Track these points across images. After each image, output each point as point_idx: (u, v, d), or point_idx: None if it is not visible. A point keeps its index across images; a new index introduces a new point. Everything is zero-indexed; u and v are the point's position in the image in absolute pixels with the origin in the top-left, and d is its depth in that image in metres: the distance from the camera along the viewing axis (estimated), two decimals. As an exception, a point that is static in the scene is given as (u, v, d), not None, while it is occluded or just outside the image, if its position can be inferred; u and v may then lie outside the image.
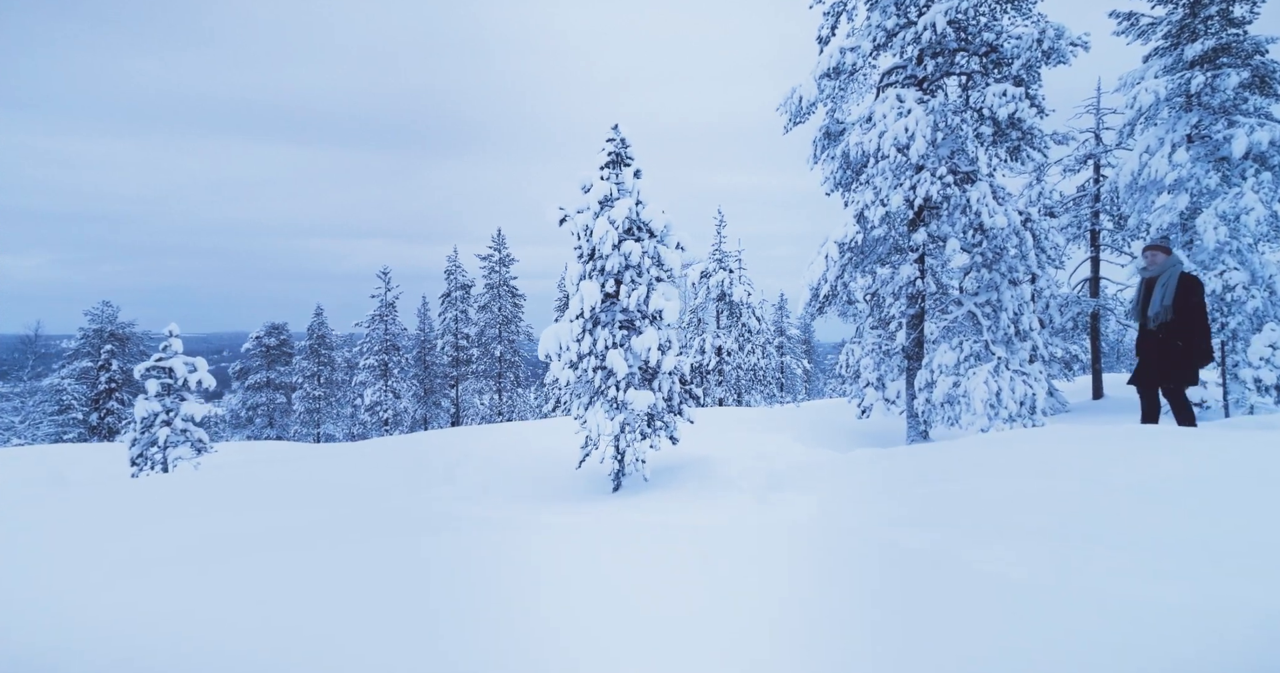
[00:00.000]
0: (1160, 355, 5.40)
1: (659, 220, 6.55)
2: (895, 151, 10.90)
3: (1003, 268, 10.88)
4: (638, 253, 6.34)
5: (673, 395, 6.77)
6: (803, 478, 6.12)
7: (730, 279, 19.60)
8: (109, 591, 3.07)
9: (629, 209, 6.45)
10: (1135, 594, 2.21)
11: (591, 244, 6.44)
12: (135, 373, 8.47)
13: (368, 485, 6.68)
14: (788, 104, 12.94)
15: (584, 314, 6.31)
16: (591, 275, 6.52)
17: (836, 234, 11.64)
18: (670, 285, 6.73)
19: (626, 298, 6.31)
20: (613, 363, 6.23)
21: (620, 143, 6.83)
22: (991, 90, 10.50)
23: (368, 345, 28.12)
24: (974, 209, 10.37)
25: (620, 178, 6.73)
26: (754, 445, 10.11)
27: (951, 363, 10.68)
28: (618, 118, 6.65)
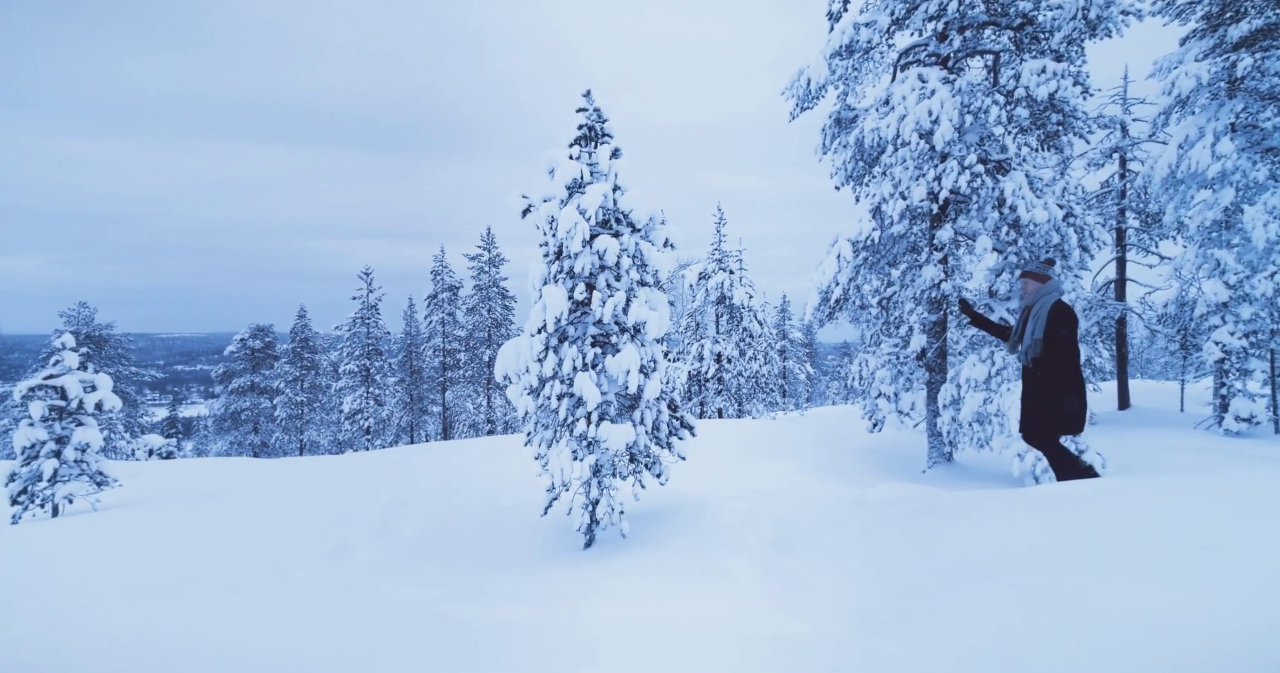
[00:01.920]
0: (1033, 397, 4.95)
1: (642, 210, 5.26)
2: (917, 138, 9.62)
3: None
4: (615, 251, 5.05)
5: (660, 425, 5.48)
6: (818, 535, 4.84)
7: (730, 281, 18.32)
8: None
9: (604, 196, 5.17)
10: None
11: (558, 240, 5.16)
12: (15, 394, 7.17)
13: (276, 540, 5.39)
14: (794, 87, 11.67)
15: (547, 328, 5.03)
16: (557, 279, 5.24)
17: (850, 232, 10.35)
18: (656, 292, 5.45)
19: (600, 307, 5.03)
20: (582, 389, 4.94)
21: (594, 114, 5.54)
22: (1029, 67, 9.22)
23: (349, 350, 26.83)
24: (1009, 202, 9.09)
25: (594, 159, 5.45)
26: (756, 477, 8.83)
27: (981, 377, 9.40)
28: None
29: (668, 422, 5.61)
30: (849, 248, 10.36)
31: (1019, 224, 9.21)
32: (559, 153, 5.50)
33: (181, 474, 10.81)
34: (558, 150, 5.54)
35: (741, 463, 10.19)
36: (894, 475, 10.76)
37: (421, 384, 30.66)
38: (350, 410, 25.10)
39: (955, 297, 9.94)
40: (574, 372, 5.06)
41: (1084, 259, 9.32)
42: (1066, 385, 4.74)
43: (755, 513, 5.91)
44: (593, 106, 5.53)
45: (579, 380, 4.96)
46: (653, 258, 5.30)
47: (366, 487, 7.99)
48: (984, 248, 9.26)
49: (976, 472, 10.15)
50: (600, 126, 5.58)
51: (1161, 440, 12.56)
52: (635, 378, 4.97)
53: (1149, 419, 16.15)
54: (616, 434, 4.91)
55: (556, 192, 5.25)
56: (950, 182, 9.41)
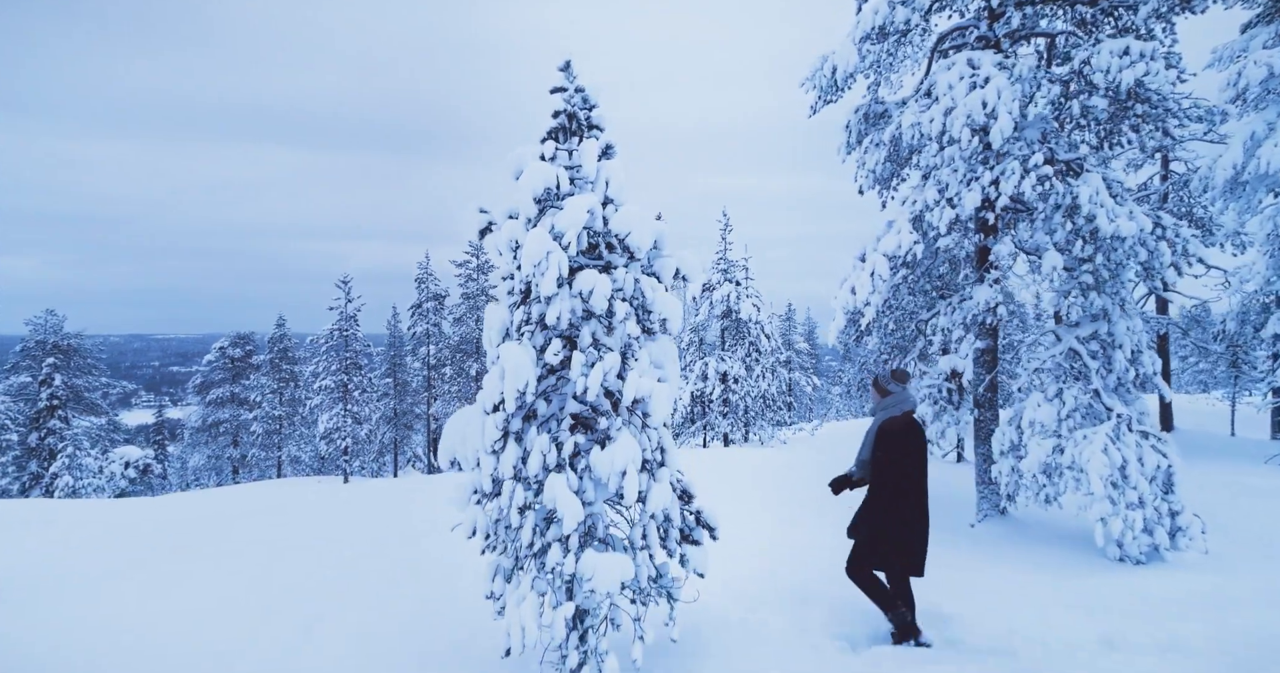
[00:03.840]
0: (859, 523, 4.63)
1: (643, 231, 3.64)
2: (969, 134, 8.04)
3: (1113, 288, 8.04)
4: (605, 291, 3.44)
5: (670, 536, 3.87)
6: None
7: (737, 293, 16.74)
8: None
9: (590, 213, 3.56)
10: None
11: (524, 276, 3.56)
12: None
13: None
14: (816, 77, 10.09)
15: (505, 405, 3.42)
16: (522, 331, 3.63)
17: (887, 245, 8.76)
18: (664, 344, 3.85)
19: (583, 375, 3.42)
20: (556, 499, 3.33)
21: (576, 97, 3.93)
22: (1107, 48, 7.65)
23: (325, 364, 25.17)
24: (1085, 211, 7.51)
25: (576, 158, 3.85)
26: (782, 554, 7.24)
27: (1049, 420, 7.82)
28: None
29: (680, 520, 4.00)
30: (884, 264, 8.77)
31: (1097, 236, 7.64)
32: (528, 150, 3.89)
33: (107, 524, 9.15)
34: (527, 148, 3.93)
35: (759, 522, 8.59)
36: (940, 529, 9.18)
37: (406, 398, 29.00)
38: (326, 429, 23.45)
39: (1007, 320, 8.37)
40: (544, 471, 3.44)
41: (1174, 281, 7.76)
42: (884, 518, 4.35)
43: (798, 646, 4.32)
44: (574, 85, 3.92)
45: (551, 486, 3.35)
46: (659, 299, 3.69)
47: (299, 569, 6.38)
48: (1052, 265, 7.69)
49: (1039, 529, 8.57)
50: (586, 114, 3.98)
51: (1232, 478, 11.00)
52: (634, 481, 3.35)
53: (1201, 446, 14.60)
54: (607, 569, 3.30)
55: (523, 206, 3.65)
56: (1011, 186, 7.83)
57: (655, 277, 4.04)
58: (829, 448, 19.67)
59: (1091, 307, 7.86)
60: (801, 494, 10.63)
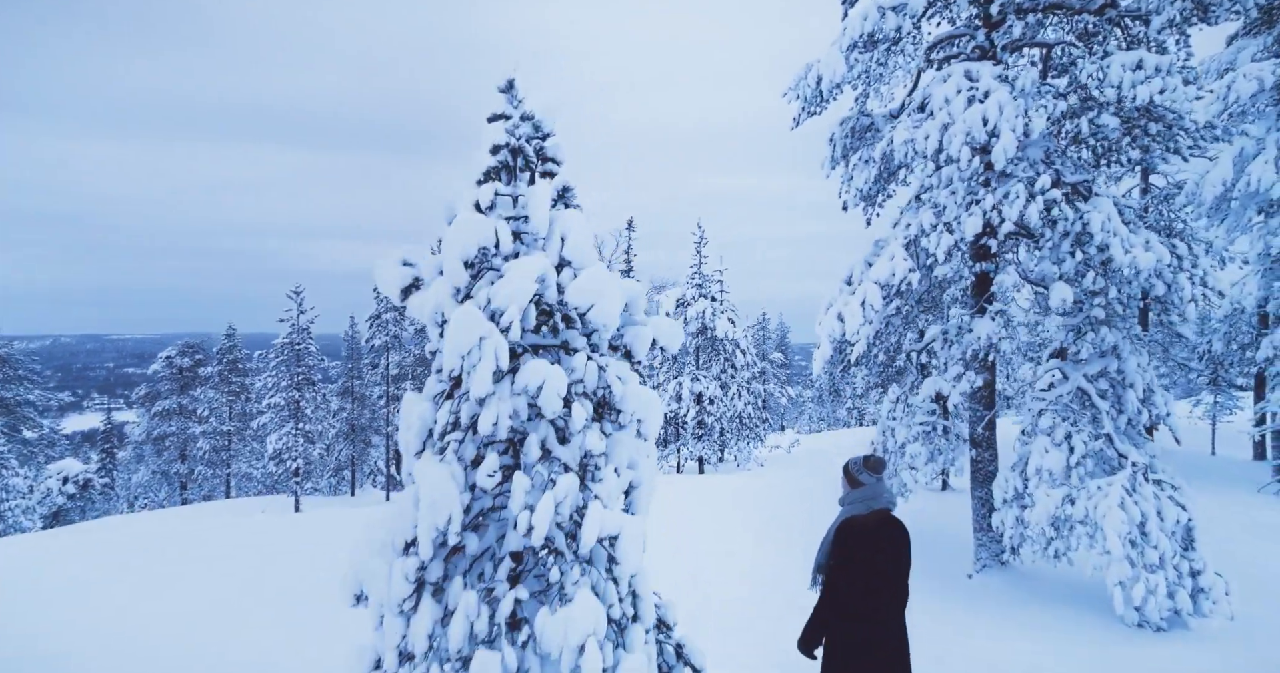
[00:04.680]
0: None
1: (608, 301, 2.72)
2: (969, 153, 7.34)
3: (1125, 322, 7.42)
4: (558, 387, 2.52)
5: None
6: None
7: (713, 310, 15.93)
8: None
9: (539, 280, 2.65)
10: None
11: (450, 369, 2.62)
12: None
13: None
14: (800, 88, 9.31)
15: (419, 547, 2.48)
16: (448, 440, 2.69)
17: (879, 272, 8.02)
18: (637, 447, 2.94)
19: (527, 509, 2.50)
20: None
21: (525, 126, 3.02)
22: (1119, 61, 7.01)
23: (274, 381, 23.66)
24: (1097, 239, 6.85)
25: (523, 206, 2.92)
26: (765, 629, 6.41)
27: (1057, 467, 7.15)
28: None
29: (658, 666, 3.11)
30: (876, 293, 8.02)
31: (1110, 267, 6.99)
32: (463, 196, 2.96)
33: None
34: (462, 191, 3.00)
35: (733, 566, 7.78)
36: (932, 578, 8.48)
37: (365, 412, 27.56)
38: (275, 450, 21.97)
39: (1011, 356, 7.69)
40: (470, 644, 2.51)
41: (1199, 322, 7.16)
42: (834, 632, 3.59)
43: None
44: (520, 111, 3.00)
45: (481, 666, 2.42)
46: (631, 395, 2.79)
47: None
48: (1061, 299, 7.02)
49: (1046, 584, 7.91)
50: (539, 144, 3.06)
51: (1242, 514, 10.52)
52: (596, 659, 2.44)
53: (1187, 468, 14.27)
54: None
55: (451, 271, 2.71)
56: (1016, 211, 7.14)
57: (626, 352, 3.15)
58: (806, 463, 19.02)
59: (1103, 342, 7.21)
60: (776, 530, 9.86)
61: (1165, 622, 6.44)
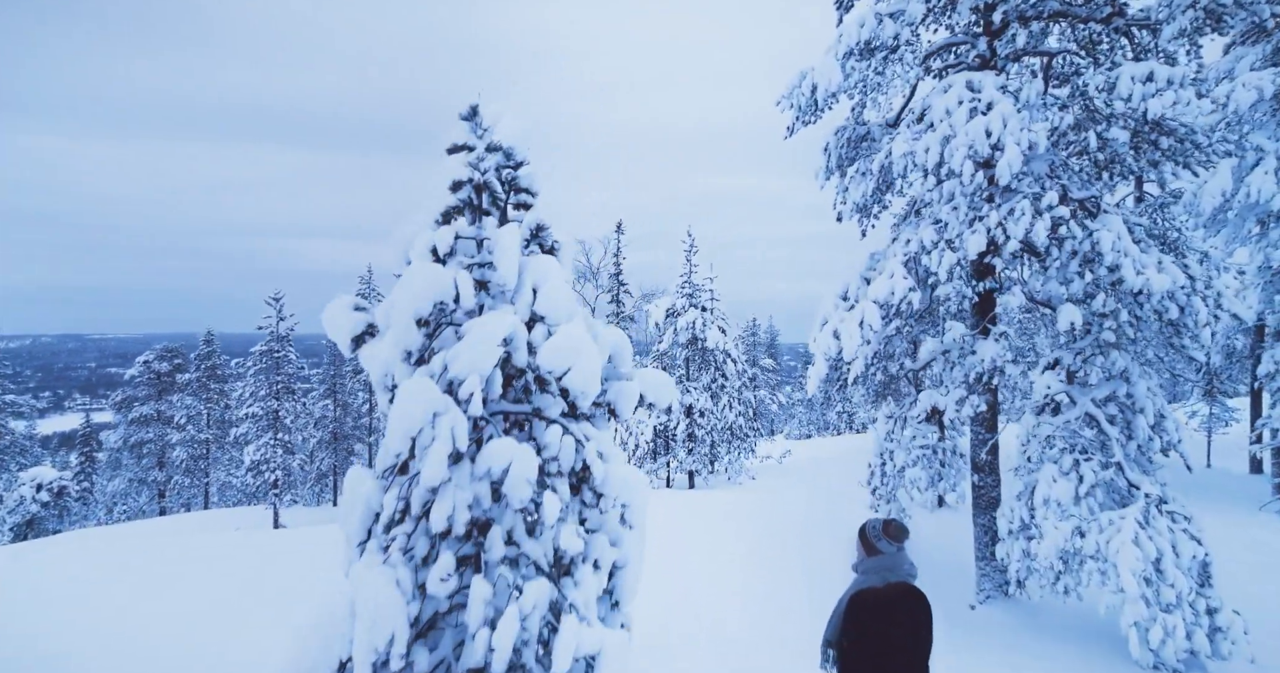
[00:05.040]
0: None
1: (589, 360, 2.35)
2: (972, 168, 7.00)
3: (1136, 346, 7.11)
4: (527, 471, 2.12)
5: None
6: None
7: (704, 320, 15.53)
8: None
9: (506, 340, 2.23)
10: None
11: (397, 450, 2.19)
12: None
13: None
14: (794, 96, 8.94)
15: (353, 668, 2.05)
16: (394, 534, 2.26)
17: (878, 290, 7.66)
18: (627, 547, 2.52)
19: (488, 627, 2.07)
20: None
21: (493, 158, 2.60)
22: (1128, 73, 6.69)
23: (252, 390, 23.02)
24: (1108, 260, 6.53)
25: (488, 251, 2.51)
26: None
27: (1066, 497, 6.81)
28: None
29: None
30: (875, 313, 7.66)
31: (1121, 289, 6.67)
32: (419, 240, 2.54)
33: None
34: (419, 231, 2.58)
35: (726, 620, 7.39)
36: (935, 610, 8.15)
37: (348, 420, 26.93)
38: (253, 461, 21.34)
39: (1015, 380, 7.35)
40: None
41: (1214, 341, 6.86)
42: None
43: None
44: (486, 142, 2.59)
45: None
46: (615, 474, 2.39)
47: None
48: (1069, 321, 6.69)
49: (1053, 618, 7.58)
50: (510, 174, 2.64)
51: (1247, 533, 10.28)
52: None
53: (1185, 481, 14.09)
54: None
55: (402, 330, 2.29)
56: (1022, 229, 6.81)
57: (610, 411, 2.75)
58: (797, 473, 18.65)
59: (1113, 366, 6.90)
60: (771, 556, 9.48)
61: (1182, 664, 6.12)
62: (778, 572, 9.55)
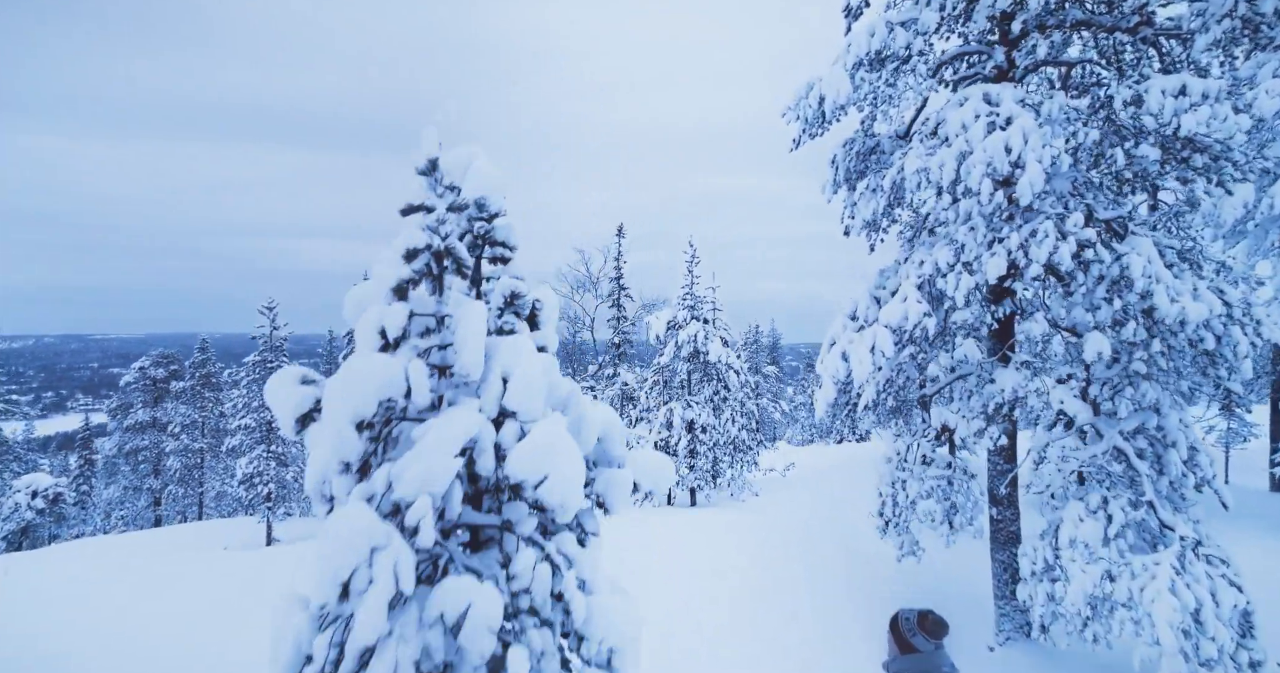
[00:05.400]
0: None
1: (569, 465, 1.99)
2: (990, 186, 6.57)
3: (1168, 377, 6.68)
4: (488, 616, 1.69)
5: None
6: None
7: (705, 332, 15.10)
8: None
9: (467, 444, 1.81)
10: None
11: (324, 598, 1.76)
12: None
13: None
14: (800, 107, 8.53)
15: None
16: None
17: (891, 315, 7.23)
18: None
19: None
20: None
21: (454, 222, 2.19)
22: (1158, 86, 6.27)
23: (244, 401, 22.64)
24: (1138, 287, 6.10)
25: (450, 331, 2.08)
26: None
27: (1094, 538, 6.38)
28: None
29: None
30: (887, 338, 7.23)
31: (1153, 317, 6.24)
32: (368, 318, 2.12)
33: None
34: (371, 301, 2.15)
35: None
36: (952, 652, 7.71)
37: (344, 431, 26.45)
38: (245, 474, 20.95)
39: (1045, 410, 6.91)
40: None
41: (1256, 373, 6.43)
42: None
43: None
44: (448, 201, 2.17)
45: None
46: (599, 610, 1.96)
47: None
48: (1096, 351, 6.27)
49: (1078, 666, 7.15)
50: (481, 231, 2.23)
51: (1251, 556, 9.84)
52: None
53: (1202, 501, 13.64)
54: None
55: (339, 437, 1.87)
56: (1045, 253, 6.38)
57: (599, 505, 2.32)
58: (801, 487, 18.20)
59: (1143, 398, 6.47)
60: (775, 596, 9.02)
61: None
62: (780, 589, 9.13)
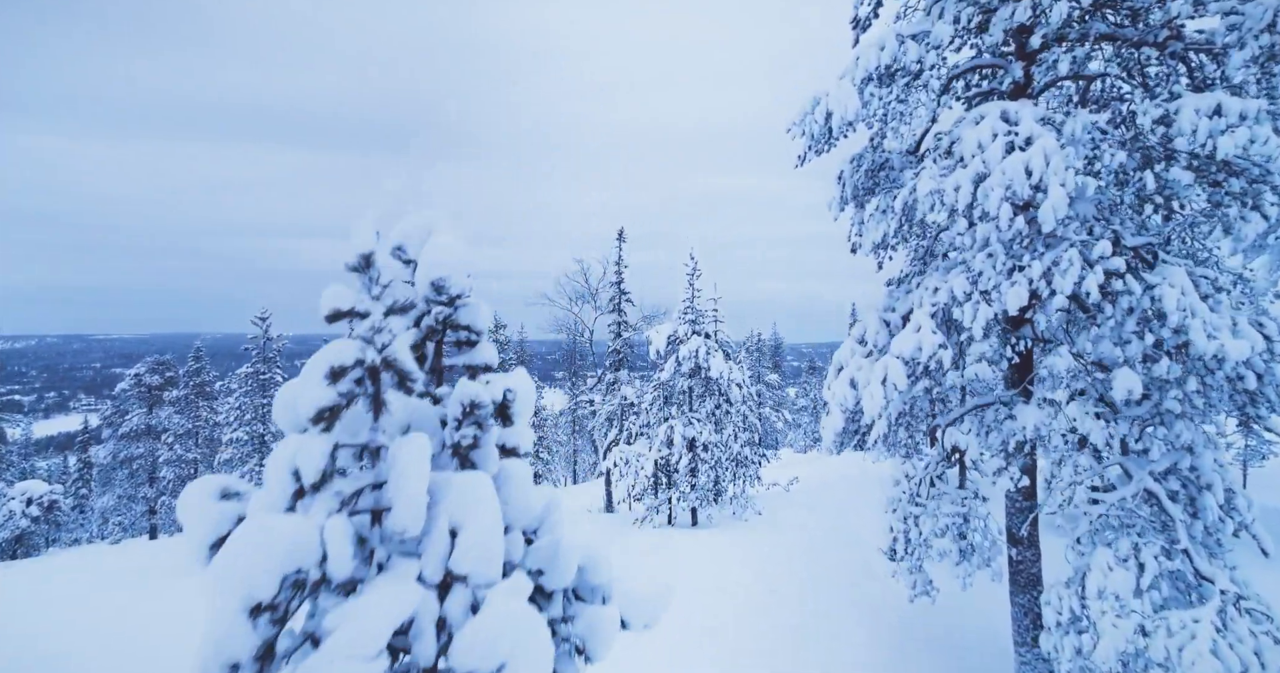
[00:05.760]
0: None
1: (538, 649, 1.49)
2: (1010, 211, 6.15)
3: (1204, 416, 6.25)
4: None
5: None
6: None
7: (707, 347, 14.66)
8: None
9: (399, 626, 1.37)
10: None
11: None
12: None
13: None
14: (806, 123, 8.10)
15: None
16: None
17: (904, 346, 6.80)
18: None
19: None
20: None
21: (392, 322, 1.76)
22: (1191, 105, 5.85)
23: (237, 414, 22.23)
24: (1172, 321, 5.68)
25: (383, 468, 1.65)
26: None
27: (1126, 589, 5.95)
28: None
29: None
30: (900, 371, 6.80)
31: (1188, 353, 5.81)
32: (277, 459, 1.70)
33: None
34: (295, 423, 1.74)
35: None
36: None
37: (340, 442, 26.05)
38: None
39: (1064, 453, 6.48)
40: None
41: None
42: None
43: None
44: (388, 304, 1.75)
45: None
46: None
47: None
48: (1127, 388, 5.84)
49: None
50: (442, 317, 1.81)
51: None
52: None
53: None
54: None
55: (225, 630, 1.43)
56: (1069, 283, 5.96)
57: (578, 651, 1.90)
58: (806, 504, 17.75)
59: (1177, 439, 6.04)
60: (786, 650, 8.57)
61: (1269, 796, 5.26)
62: (786, 642, 8.69)
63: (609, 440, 19.06)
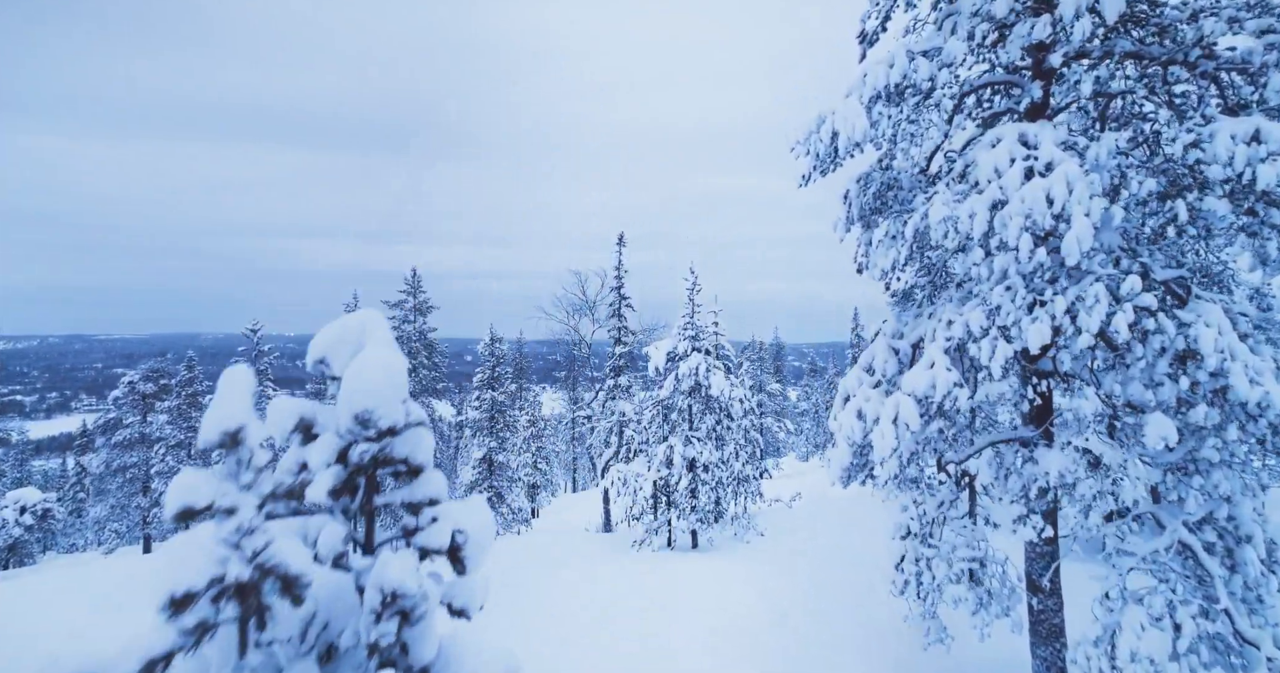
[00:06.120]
0: None
1: None
2: (1030, 242, 5.72)
3: (1243, 465, 5.80)
4: None
5: None
6: None
7: (707, 364, 14.22)
8: None
9: None
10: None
11: None
12: None
13: None
14: (810, 142, 7.67)
15: None
16: None
17: (916, 383, 6.37)
18: None
19: None
20: None
21: (285, 491, 1.31)
22: (1226, 130, 5.41)
23: (228, 435, 21.88)
24: (1210, 365, 5.24)
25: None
26: None
27: (1160, 653, 5.51)
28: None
29: None
30: (912, 409, 6.36)
31: (1226, 396, 5.37)
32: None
33: None
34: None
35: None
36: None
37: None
38: (231, 511, 20.15)
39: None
40: None
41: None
42: None
43: None
44: (259, 493, 1.29)
45: None
46: None
47: None
48: (1160, 435, 5.40)
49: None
50: (374, 455, 1.37)
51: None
52: None
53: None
54: None
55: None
56: (1096, 321, 5.52)
57: None
58: (809, 524, 17.29)
59: (1217, 490, 5.60)
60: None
61: None
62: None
63: (606, 459, 18.62)
